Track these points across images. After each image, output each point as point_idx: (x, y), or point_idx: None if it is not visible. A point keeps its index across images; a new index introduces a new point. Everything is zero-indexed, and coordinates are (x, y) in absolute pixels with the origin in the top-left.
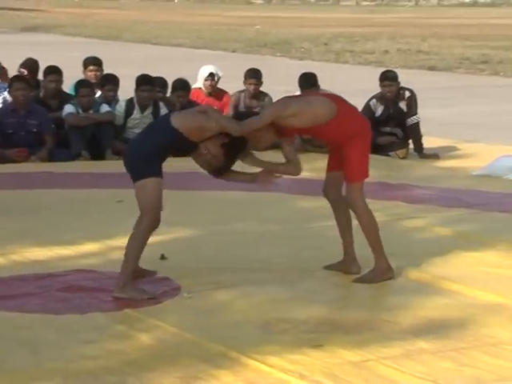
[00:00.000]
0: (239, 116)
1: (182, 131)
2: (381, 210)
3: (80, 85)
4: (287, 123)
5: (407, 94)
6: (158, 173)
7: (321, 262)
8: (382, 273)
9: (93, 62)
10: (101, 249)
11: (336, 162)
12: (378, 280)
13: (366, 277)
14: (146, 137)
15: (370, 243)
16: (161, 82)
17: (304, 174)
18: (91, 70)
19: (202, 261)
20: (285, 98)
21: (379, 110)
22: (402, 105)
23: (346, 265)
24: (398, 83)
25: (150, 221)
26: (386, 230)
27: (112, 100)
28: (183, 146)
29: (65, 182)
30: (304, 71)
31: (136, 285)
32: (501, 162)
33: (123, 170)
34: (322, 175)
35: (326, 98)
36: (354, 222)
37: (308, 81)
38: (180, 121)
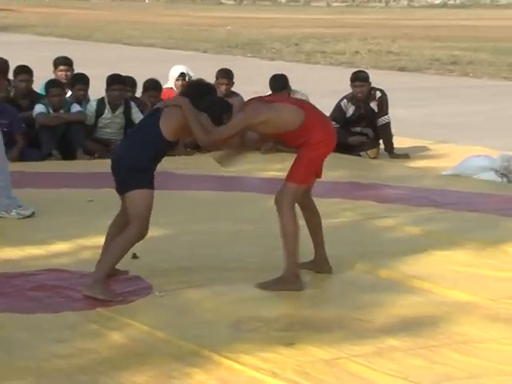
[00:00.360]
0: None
1: (171, 138)
2: (352, 210)
3: (50, 84)
4: (257, 130)
5: (378, 94)
6: (149, 184)
7: None
8: (289, 282)
9: (63, 61)
10: (72, 248)
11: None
12: (282, 288)
13: (270, 283)
14: (137, 148)
15: (285, 249)
16: (130, 82)
17: (276, 174)
18: (61, 70)
19: (174, 260)
20: (255, 103)
21: (350, 111)
22: (373, 105)
23: (317, 264)
24: (369, 83)
25: (137, 230)
26: (357, 230)
27: (82, 100)
28: (172, 146)
29: (35, 181)
30: (275, 73)
31: (106, 285)
32: (470, 161)
33: (94, 169)
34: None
35: (295, 105)
36: (324, 222)
37: (279, 83)
38: (167, 129)
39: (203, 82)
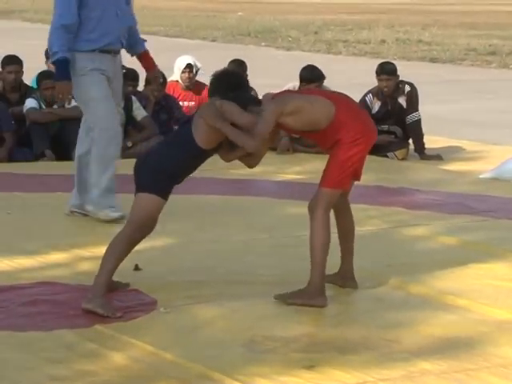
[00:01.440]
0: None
1: (206, 146)
2: (378, 217)
3: (43, 76)
4: (282, 121)
5: (407, 88)
6: (166, 194)
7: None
8: (311, 297)
9: None
10: (67, 259)
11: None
12: (304, 303)
13: (291, 295)
14: (169, 151)
15: (312, 260)
16: (131, 75)
17: (293, 177)
18: None
19: (181, 272)
20: (284, 92)
21: (376, 107)
22: (402, 100)
23: (342, 277)
24: (397, 77)
25: (131, 233)
26: (384, 239)
27: None
28: (210, 155)
29: (26, 184)
30: (308, 63)
31: (107, 299)
32: (510, 164)
33: None
34: (312, 177)
35: (324, 97)
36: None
37: (316, 73)
38: (199, 136)
39: (236, 74)
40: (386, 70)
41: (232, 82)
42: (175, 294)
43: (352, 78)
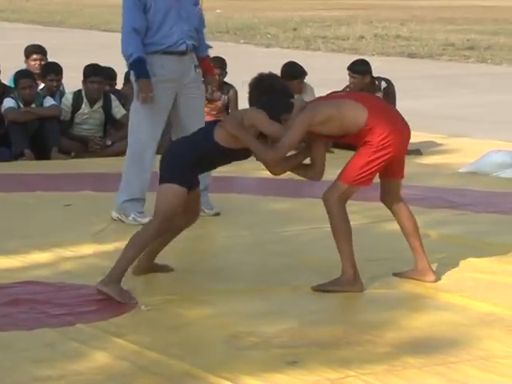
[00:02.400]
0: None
1: (225, 144)
2: (359, 212)
3: (20, 75)
4: (319, 132)
5: (383, 84)
6: (184, 182)
7: (293, 270)
8: (347, 284)
9: (36, 50)
10: (48, 258)
11: (393, 169)
12: (341, 290)
13: (328, 284)
14: (185, 144)
15: (339, 249)
16: (109, 73)
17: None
18: (35, 59)
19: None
20: (315, 101)
21: None
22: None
23: (419, 273)
24: (366, 77)
25: (158, 225)
26: (365, 234)
27: (56, 92)
28: (232, 155)
29: (6, 184)
30: (289, 60)
31: (120, 288)
32: (489, 157)
33: (71, 170)
34: (293, 174)
35: (355, 100)
36: (329, 227)
37: (297, 69)
38: (221, 134)
39: (268, 77)
40: (352, 68)
41: (264, 86)
42: (156, 292)
43: (331, 73)
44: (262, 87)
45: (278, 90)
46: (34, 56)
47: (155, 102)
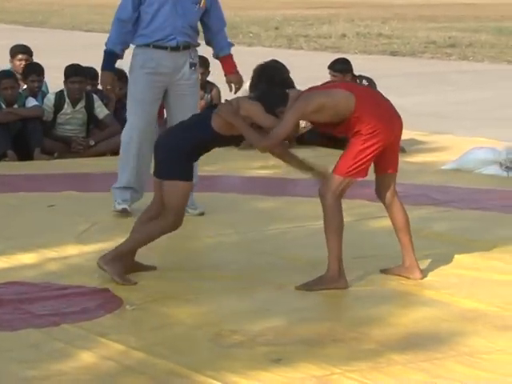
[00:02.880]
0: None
1: (222, 131)
2: (344, 210)
3: (2, 76)
4: (312, 120)
5: (365, 83)
6: (188, 175)
7: (277, 268)
8: (332, 281)
9: (22, 50)
10: (33, 259)
11: (385, 162)
12: (325, 287)
13: (312, 282)
14: (181, 131)
15: (327, 245)
16: (91, 73)
17: (257, 172)
18: (20, 60)
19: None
20: (307, 91)
21: None
22: None
23: (406, 270)
24: (346, 76)
25: (172, 222)
26: (350, 231)
27: (38, 92)
28: (226, 141)
29: None
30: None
31: (121, 268)
32: (472, 154)
33: (54, 170)
34: (277, 172)
35: (345, 89)
36: (314, 224)
37: (345, 65)
38: (217, 120)
39: (269, 68)
40: (334, 67)
41: (265, 76)
42: (141, 291)
43: (313, 72)
44: (263, 77)
45: (278, 83)
46: (20, 56)
47: (141, 94)
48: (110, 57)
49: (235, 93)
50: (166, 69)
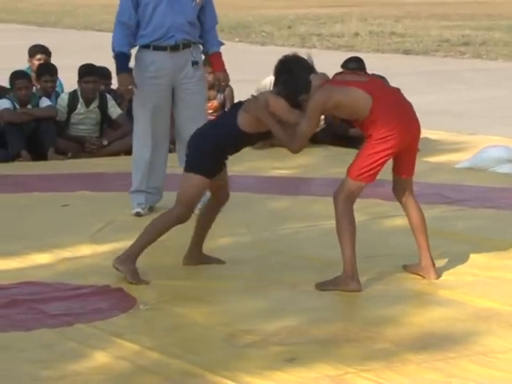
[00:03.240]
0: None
1: (247, 129)
2: (357, 210)
3: (16, 76)
4: (331, 113)
5: None
6: (206, 171)
7: (291, 268)
8: (345, 283)
9: (40, 50)
10: (46, 259)
11: (400, 165)
12: (339, 289)
13: (327, 282)
14: (208, 130)
15: (341, 248)
16: (104, 73)
17: (273, 171)
18: (39, 59)
19: (160, 269)
20: (329, 83)
21: None
22: None
23: (422, 270)
24: (362, 72)
25: (179, 214)
26: (364, 230)
27: (51, 93)
28: (253, 139)
29: (3, 185)
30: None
31: (135, 268)
32: (486, 153)
33: (68, 170)
34: (292, 172)
35: (363, 89)
36: (328, 224)
37: (358, 64)
38: (243, 118)
39: (289, 60)
40: (347, 66)
41: (285, 68)
42: (155, 291)
43: (326, 71)
44: (283, 69)
45: (298, 71)
46: (38, 56)
47: (146, 98)
48: (122, 58)
49: (223, 90)
50: (167, 70)
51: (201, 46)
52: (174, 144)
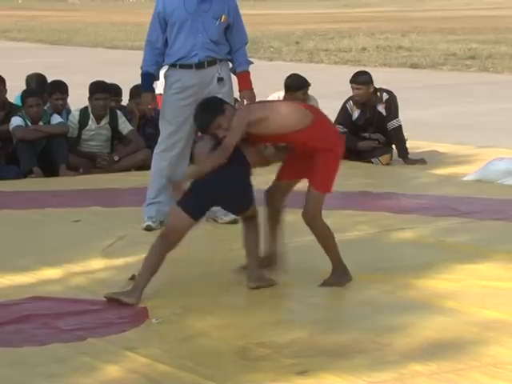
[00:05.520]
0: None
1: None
2: (365, 222)
3: (27, 94)
4: (259, 131)
5: (385, 96)
6: (193, 213)
7: (301, 281)
8: (339, 278)
9: (61, 88)
10: (59, 274)
11: (294, 170)
12: (336, 285)
13: (329, 281)
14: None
15: (331, 254)
16: (114, 89)
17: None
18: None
19: (173, 282)
20: (247, 105)
21: (356, 114)
22: (381, 108)
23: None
24: (369, 87)
25: (160, 245)
26: (371, 243)
27: (62, 110)
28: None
29: (15, 201)
30: (292, 73)
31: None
32: (493, 165)
33: (79, 186)
34: (304, 186)
35: (300, 106)
36: (336, 237)
37: (299, 82)
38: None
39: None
40: (355, 80)
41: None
42: (166, 304)
43: (334, 86)
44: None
45: (200, 109)
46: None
47: (169, 114)
48: (147, 78)
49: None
50: (191, 86)
51: (230, 63)
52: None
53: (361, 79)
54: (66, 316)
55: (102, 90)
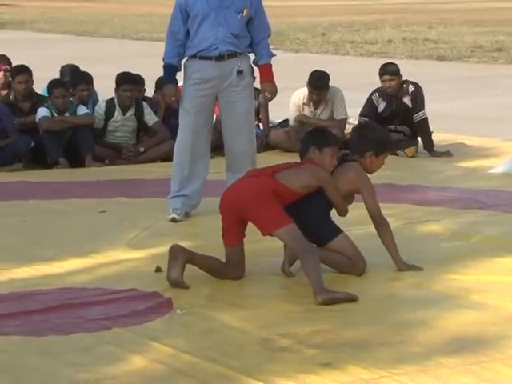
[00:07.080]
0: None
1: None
2: (390, 215)
3: (54, 85)
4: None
5: (411, 88)
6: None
7: (324, 273)
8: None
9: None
10: (84, 264)
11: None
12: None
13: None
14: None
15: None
16: (137, 81)
17: None
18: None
19: (197, 274)
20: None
21: (381, 106)
22: (407, 100)
23: None
24: (400, 77)
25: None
26: (397, 236)
27: (87, 101)
28: None
29: (42, 192)
30: (316, 69)
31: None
32: None
33: (105, 177)
34: None
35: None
36: (361, 229)
37: (323, 81)
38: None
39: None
40: (388, 71)
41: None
42: (191, 295)
43: (360, 78)
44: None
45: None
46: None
47: (188, 104)
48: (169, 70)
49: (269, 101)
50: (211, 78)
51: (251, 56)
52: (215, 151)
53: (392, 69)
54: (91, 306)
55: (129, 82)
